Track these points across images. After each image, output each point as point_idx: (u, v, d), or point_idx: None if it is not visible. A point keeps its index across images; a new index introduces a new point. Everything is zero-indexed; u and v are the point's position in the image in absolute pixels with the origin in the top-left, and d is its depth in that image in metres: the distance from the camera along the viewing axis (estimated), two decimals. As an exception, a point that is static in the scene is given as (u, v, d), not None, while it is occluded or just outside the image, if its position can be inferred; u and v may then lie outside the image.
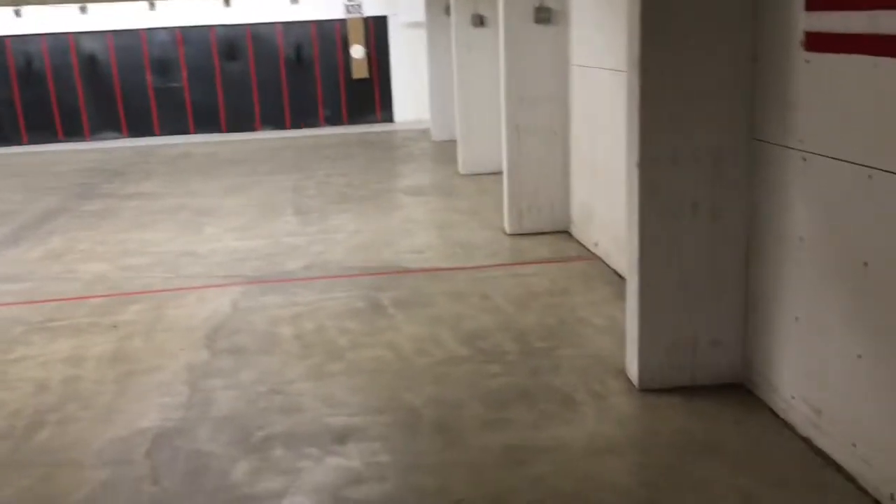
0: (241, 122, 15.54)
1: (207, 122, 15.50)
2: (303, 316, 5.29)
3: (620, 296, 4.58)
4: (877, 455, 3.02)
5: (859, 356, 3.08)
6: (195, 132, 15.44)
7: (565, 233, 7.06)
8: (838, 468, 3.23)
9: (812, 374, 3.43)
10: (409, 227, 7.71)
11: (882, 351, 2.96)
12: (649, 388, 4.00)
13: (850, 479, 3.16)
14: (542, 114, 6.91)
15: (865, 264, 3.01)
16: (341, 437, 3.71)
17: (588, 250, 6.52)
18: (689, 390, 3.95)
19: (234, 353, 4.76)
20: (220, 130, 15.52)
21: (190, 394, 4.23)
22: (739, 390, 3.94)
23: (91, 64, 15.18)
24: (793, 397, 3.57)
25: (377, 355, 4.63)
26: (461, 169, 10.18)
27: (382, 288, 5.81)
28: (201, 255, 6.97)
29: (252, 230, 7.75)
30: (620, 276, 5.61)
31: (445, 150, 11.75)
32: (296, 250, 6.94)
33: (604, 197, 6.08)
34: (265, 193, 9.52)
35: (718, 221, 3.82)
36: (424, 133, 13.75)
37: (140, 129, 15.37)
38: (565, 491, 3.24)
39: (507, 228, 7.17)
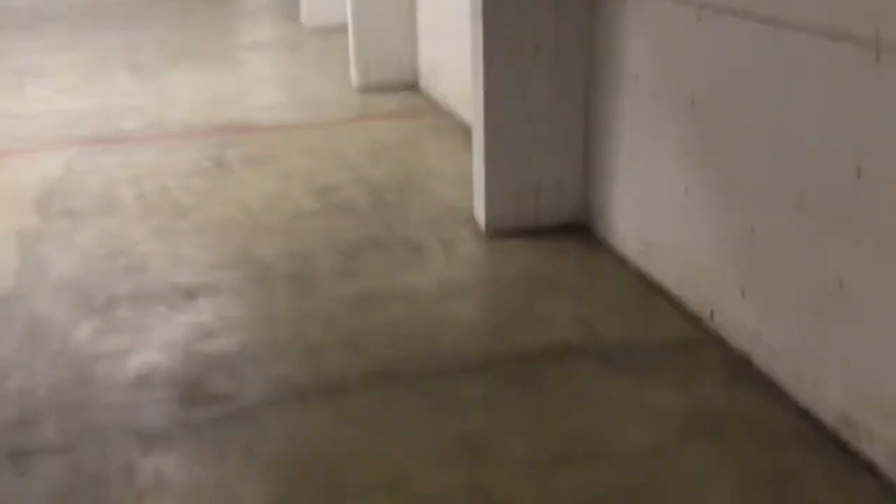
0: (60, -26, 14.09)
1: (21, -27, 13.95)
2: (143, 177, 5.05)
3: (469, 148, 4.62)
4: (699, 279, 3.28)
5: (686, 190, 3.28)
6: (7, -15, 13.89)
7: (414, 87, 6.98)
8: (666, 294, 3.50)
9: (643, 209, 3.64)
10: (255, 83, 7.40)
11: (706, 183, 3.17)
12: (497, 234, 4.13)
13: (676, 303, 3.44)
14: (387, -38, 6.66)
15: (693, 101, 3.16)
16: (191, 294, 3.64)
17: (437, 104, 6.50)
18: (534, 233, 4.11)
19: (68, 216, 4.50)
20: (36, -17, 14.03)
21: (22, 260, 4.00)
22: (581, 230, 4.14)
23: None
24: (627, 232, 3.79)
25: (225, 213, 4.51)
26: (305, 22, 9.77)
27: (228, 146, 5.60)
28: (26, 116, 6.42)
29: (82, 90, 7.18)
30: (469, 129, 5.65)
31: (287, 5, 11.17)
32: (133, 110, 6.52)
33: (451, 49, 6.00)
34: (94, 51, 8.79)
35: (560, 62, 3.87)
36: (266, -14, 12.99)
37: (-59, -19, 13.67)
38: (417, 332, 3.35)
39: (356, 84, 7.00)
